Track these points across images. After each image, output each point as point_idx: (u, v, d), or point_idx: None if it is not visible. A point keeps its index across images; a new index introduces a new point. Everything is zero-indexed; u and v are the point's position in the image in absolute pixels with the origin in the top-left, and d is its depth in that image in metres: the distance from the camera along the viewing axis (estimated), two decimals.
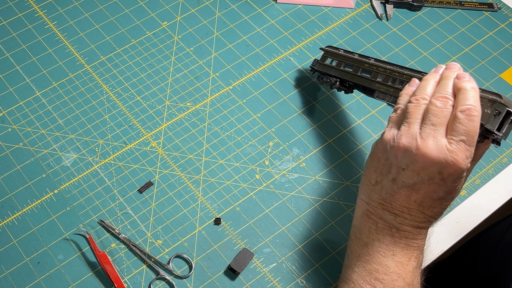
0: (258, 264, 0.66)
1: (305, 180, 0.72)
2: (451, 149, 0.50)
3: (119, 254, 0.66)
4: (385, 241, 0.54)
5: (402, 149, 0.52)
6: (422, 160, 0.51)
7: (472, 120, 0.50)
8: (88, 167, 0.72)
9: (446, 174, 0.50)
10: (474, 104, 0.50)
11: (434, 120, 0.51)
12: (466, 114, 0.50)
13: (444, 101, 0.52)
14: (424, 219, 0.54)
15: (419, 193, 0.52)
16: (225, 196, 0.71)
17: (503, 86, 0.80)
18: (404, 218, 0.54)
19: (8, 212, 0.69)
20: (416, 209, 0.53)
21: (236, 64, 0.82)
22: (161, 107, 0.77)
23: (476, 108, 0.50)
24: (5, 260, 0.66)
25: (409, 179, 0.52)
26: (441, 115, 0.51)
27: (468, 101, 0.50)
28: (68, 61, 0.81)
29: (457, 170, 0.50)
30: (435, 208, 0.53)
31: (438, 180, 0.51)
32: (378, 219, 0.55)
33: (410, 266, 0.54)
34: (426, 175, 0.51)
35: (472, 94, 0.51)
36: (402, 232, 0.54)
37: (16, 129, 0.75)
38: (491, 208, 0.71)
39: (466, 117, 0.50)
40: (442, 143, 0.50)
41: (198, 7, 0.88)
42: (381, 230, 0.55)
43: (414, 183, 0.52)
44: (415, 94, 0.54)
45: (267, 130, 0.76)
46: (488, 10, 0.87)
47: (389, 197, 0.54)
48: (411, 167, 0.52)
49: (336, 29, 0.86)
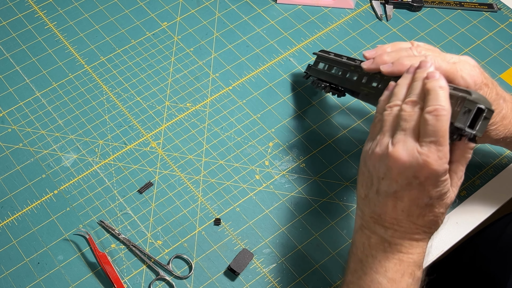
0: (258, 264, 0.66)
1: (305, 181, 0.72)
2: (421, 151, 0.50)
3: (119, 254, 0.66)
4: (378, 257, 0.53)
5: (377, 159, 0.53)
6: (395, 166, 0.51)
7: (440, 120, 0.49)
8: (88, 168, 0.72)
9: (422, 177, 0.50)
10: (442, 104, 0.50)
11: (404, 125, 0.52)
12: (433, 114, 0.50)
13: (413, 105, 0.52)
14: (416, 230, 0.53)
15: (403, 201, 0.52)
16: (225, 197, 0.71)
17: (503, 86, 0.79)
18: (395, 230, 0.53)
19: (8, 212, 0.69)
20: (405, 220, 0.52)
21: (236, 65, 0.82)
22: (161, 108, 0.77)
23: (443, 107, 0.50)
24: (5, 261, 0.66)
25: (389, 188, 0.52)
26: (410, 119, 0.51)
27: (435, 101, 0.50)
28: (68, 61, 0.81)
29: (432, 172, 0.49)
30: (425, 216, 0.52)
31: (416, 185, 0.50)
32: (371, 234, 0.54)
33: (403, 283, 0.53)
34: (403, 181, 0.51)
35: (439, 94, 0.51)
36: (395, 246, 0.53)
37: (16, 129, 0.75)
38: (491, 208, 0.71)
39: (433, 117, 0.50)
40: (412, 147, 0.50)
41: (198, 7, 0.88)
42: (374, 245, 0.54)
43: (395, 191, 0.52)
44: (389, 101, 0.55)
45: (267, 131, 0.76)
46: (488, 11, 0.88)
47: (378, 210, 0.53)
48: (388, 175, 0.52)
49: (336, 29, 0.86)
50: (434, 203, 0.51)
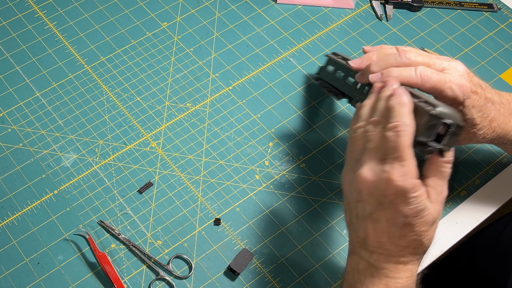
0: (258, 264, 0.66)
1: (305, 181, 0.72)
2: (385, 169, 0.50)
3: (119, 254, 0.66)
4: (366, 282, 0.53)
5: (349, 183, 0.53)
6: (364, 187, 0.51)
7: (400, 136, 0.49)
8: (88, 168, 0.72)
9: (391, 195, 0.50)
10: (401, 120, 0.50)
11: (369, 146, 0.52)
12: (394, 131, 0.50)
13: (376, 125, 0.52)
14: (400, 252, 0.51)
15: (380, 222, 0.51)
16: (225, 197, 0.71)
17: (503, 86, 0.80)
18: (380, 254, 0.52)
19: (8, 212, 0.69)
20: (388, 242, 0.51)
21: (236, 65, 0.82)
22: (161, 108, 0.77)
23: (403, 123, 0.50)
24: (5, 261, 0.66)
25: (364, 210, 0.52)
26: (374, 139, 0.52)
27: (395, 117, 0.51)
28: (68, 61, 0.81)
29: (397, 188, 0.49)
30: (406, 236, 0.51)
31: (387, 204, 0.50)
32: (359, 259, 0.54)
33: None
34: (374, 201, 0.51)
35: (400, 110, 0.51)
36: (381, 271, 0.52)
37: (16, 129, 0.75)
38: (491, 208, 0.71)
39: (394, 133, 0.50)
40: (376, 166, 0.50)
41: (198, 7, 0.88)
42: (362, 271, 0.53)
43: (370, 212, 0.51)
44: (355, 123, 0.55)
45: (267, 131, 0.76)
46: (488, 11, 0.88)
47: (361, 234, 0.53)
48: (360, 197, 0.52)
49: (336, 29, 0.86)
50: (412, 222, 0.50)
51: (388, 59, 0.59)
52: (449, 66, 0.57)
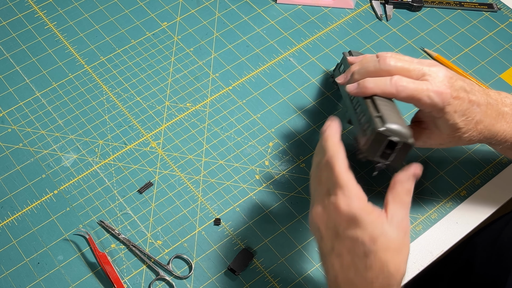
0: (258, 264, 0.66)
1: (305, 181, 0.72)
2: (331, 200, 0.51)
3: (119, 254, 0.66)
4: None
5: (310, 224, 0.55)
6: (319, 222, 0.53)
7: (332, 167, 0.52)
8: (88, 168, 0.72)
9: (343, 223, 0.50)
10: (329, 153, 0.52)
11: (317, 186, 0.54)
12: (326, 165, 0.53)
13: (317, 164, 0.55)
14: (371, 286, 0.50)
15: (343, 255, 0.51)
16: (225, 197, 0.71)
17: (503, 86, 0.80)
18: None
19: (8, 212, 0.69)
20: (355, 276, 0.50)
21: (236, 65, 0.82)
22: (161, 108, 0.77)
23: (330, 156, 0.52)
24: (4, 261, 0.66)
25: (326, 246, 0.53)
26: (321, 178, 0.54)
27: (325, 153, 0.53)
28: (68, 61, 0.81)
29: (346, 214, 0.50)
30: (372, 267, 0.49)
31: (343, 234, 0.50)
32: None
33: None
34: (332, 233, 0.52)
35: (326, 145, 0.53)
36: None
37: (16, 129, 0.75)
38: (491, 208, 0.71)
39: (326, 167, 0.52)
40: (325, 199, 0.52)
41: (197, 7, 0.88)
42: None
43: (331, 247, 0.52)
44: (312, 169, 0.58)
45: (267, 131, 0.76)
46: (488, 11, 0.88)
47: (331, 273, 0.53)
48: (320, 233, 0.53)
49: (336, 29, 0.86)
50: (373, 248, 0.49)
51: (368, 67, 0.59)
52: (429, 71, 0.57)
